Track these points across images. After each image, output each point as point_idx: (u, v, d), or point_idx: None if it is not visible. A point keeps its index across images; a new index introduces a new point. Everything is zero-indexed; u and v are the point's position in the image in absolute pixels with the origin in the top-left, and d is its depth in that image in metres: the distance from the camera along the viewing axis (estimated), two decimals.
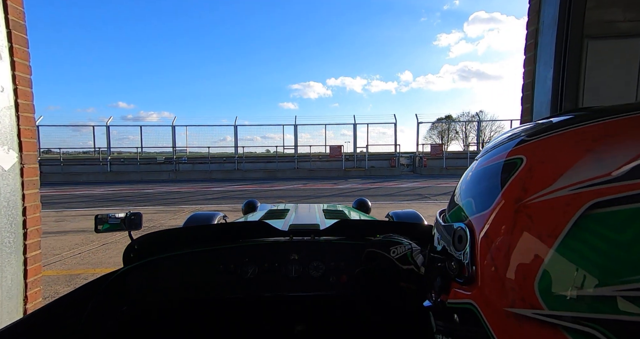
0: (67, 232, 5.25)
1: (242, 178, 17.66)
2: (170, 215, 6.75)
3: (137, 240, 1.00)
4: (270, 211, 1.97)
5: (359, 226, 1.19)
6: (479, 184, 0.42)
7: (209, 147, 19.13)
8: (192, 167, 19.26)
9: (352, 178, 17.10)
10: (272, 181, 15.24)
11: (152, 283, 0.99)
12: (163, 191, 11.49)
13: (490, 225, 0.37)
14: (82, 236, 4.98)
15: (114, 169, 18.37)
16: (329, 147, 19.90)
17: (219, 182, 15.11)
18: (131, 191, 11.70)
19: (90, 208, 7.73)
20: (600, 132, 0.34)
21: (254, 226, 1.18)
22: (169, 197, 9.92)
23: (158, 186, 13.52)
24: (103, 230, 1.15)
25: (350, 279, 1.03)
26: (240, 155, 19.59)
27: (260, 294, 1.01)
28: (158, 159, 19.06)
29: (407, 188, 11.85)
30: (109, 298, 0.89)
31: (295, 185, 13.26)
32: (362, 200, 2.63)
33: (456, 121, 33.96)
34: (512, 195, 0.36)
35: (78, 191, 11.80)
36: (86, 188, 12.95)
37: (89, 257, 4.01)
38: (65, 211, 7.36)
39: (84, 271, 3.50)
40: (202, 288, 1.00)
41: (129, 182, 15.58)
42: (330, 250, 1.07)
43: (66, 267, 3.66)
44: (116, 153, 20.08)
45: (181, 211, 7.21)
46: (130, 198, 9.78)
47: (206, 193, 10.81)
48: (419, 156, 19.91)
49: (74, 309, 0.79)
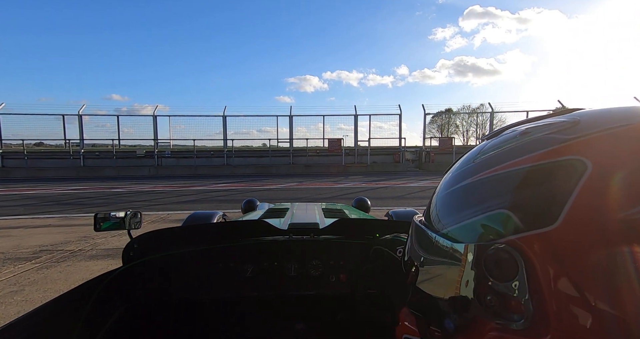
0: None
1: (231, 174, 15.94)
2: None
3: (137, 238, 1.00)
4: (269, 210, 1.92)
5: (358, 225, 1.17)
6: (518, 192, 0.34)
7: (194, 140, 17.31)
8: (176, 162, 17.46)
9: (352, 174, 15.46)
10: (264, 179, 13.54)
11: (151, 282, 0.98)
12: (134, 191, 9.76)
13: (570, 244, 0.29)
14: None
15: (88, 164, 16.52)
16: (327, 140, 18.16)
17: (204, 179, 13.39)
18: (97, 190, 9.94)
19: (26, 216, 5.99)
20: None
21: (254, 225, 1.15)
22: (136, 199, 8.20)
23: (133, 183, 11.78)
24: (103, 229, 1.12)
25: (352, 277, 1.02)
26: (230, 148, 17.81)
27: (260, 293, 1.01)
28: (138, 153, 17.22)
29: (417, 188, 10.24)
30: (108, 296, 0.88)
31: (290, 184, 11.58)
32: (361, 198, 2.57)
33: (469, 113, 32.20)
34: (592, 204, 0.29)
35: (33, 190, 10.01)
36: (48, 186, 11.16)
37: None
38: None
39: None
40: (201, 287, 1.00)
41: (103, 178, 13.80)
42: (329, 248, 1.07)
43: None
44: (90, 146, 18.12)
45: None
46: (88, 201, 8.04)
47: (182, 194, 9.10)
48: (426, 150, 18.30)
49: (73, 308, 0.78)
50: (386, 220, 1.54)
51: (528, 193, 0.33)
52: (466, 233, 0.37)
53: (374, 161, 17.89)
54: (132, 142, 18.81)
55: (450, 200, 0.42)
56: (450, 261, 0.37)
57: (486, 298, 0.33)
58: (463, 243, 0.36)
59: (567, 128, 0.35)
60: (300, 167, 17.21)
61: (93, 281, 0.84)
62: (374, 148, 18.13)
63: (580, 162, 0.31)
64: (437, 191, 0.46)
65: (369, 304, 0.93)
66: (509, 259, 0.32)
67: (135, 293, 0.95)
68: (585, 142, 0.32)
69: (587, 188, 0.29)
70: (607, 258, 0.27)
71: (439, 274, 0.41)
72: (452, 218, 0.40)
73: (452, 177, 0.44)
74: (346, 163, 17.40)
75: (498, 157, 0.38)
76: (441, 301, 0.40)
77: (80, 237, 4.39)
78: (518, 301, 0.31)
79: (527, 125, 0.41)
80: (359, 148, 18.24)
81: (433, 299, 0.41)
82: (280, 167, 17.14)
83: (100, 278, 0.86)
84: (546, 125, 0.38)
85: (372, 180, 12.76)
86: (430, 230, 0.43)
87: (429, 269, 0.43)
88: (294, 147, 18.35)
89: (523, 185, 0.34)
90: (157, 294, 0.98)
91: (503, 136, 0.42)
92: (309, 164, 17.52)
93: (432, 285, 0.42)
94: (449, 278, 0.38)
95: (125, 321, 0.90)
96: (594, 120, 0.34)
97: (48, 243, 4.10)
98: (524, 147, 0.36)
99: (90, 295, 0.82)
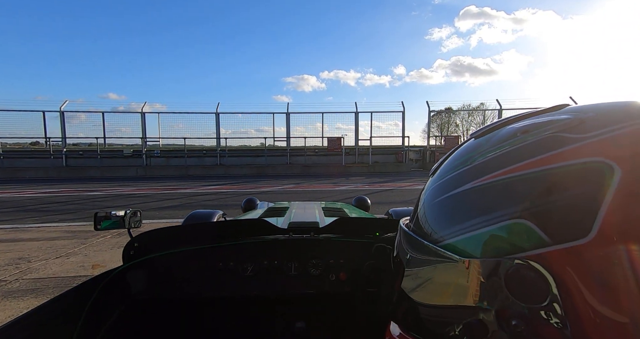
0: None
1: (224, 174, 14.95)
2: (70, 245, 4.08)
3: (138, 237, 1.00)
4: (269, 208, 1.94)
5: (358, 224, 1.17)
6: (538, 200, 0.29)
7: (184, 138, 16.27)
8: (166, 162, 16.45)
9: (353, 175, 14.52)
10: (259, 180, 12.56)
11: (151, 281, 0.98)
12: (113, 195, 8.77)
13: (608, 259, 0.26)
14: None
15: (71, 164, 15.48)
16: (326, 139, 17.19)
17: (194, 180, 12.41)
18: (72, 193, 8.94)
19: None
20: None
21: (254, 224, 1.15)
22: (110, 204, 7.23)
23: (115, 185, 10.78)
24: (103, 228, 1.10)
25: (352, 275, 1.03)
26: (223, 148, 16.82)
27: (260, 291, 1.02)
28: (125, 152, 16.19)
29: None
30: (108, 296, 0.88)
31: (286, 186, 10.63)
32: (361, 197, 2.56)
33: (475, 110, 31.18)
34: (630, 212, 0.26)
35: (0, 193, 8.99)
36: (20, 188, 10.14)
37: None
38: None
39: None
40: (201, 286, 1.00)
41: (86, 180, 12.78)
42: (329, 247, 1.07)
43: None
44: (72, 145, 17.00)
45: (94, 237, 4.53)
46: (55, 207, 7.04)
47: (165, 198, 8.11)
48: (430, 150, 17.39)
49: (73, 308, 0.77)
50: (386, 219, 1.56)
51: (550, 201, 0.29)
52: (474, 247, 0.32)
53: (375, 161, 16.96)
54: (119, 140, 17.77)
55: (448, 208, 0.37)
56: (455, 278, 0.33)
57: (511, 323, 0.29)
58: (472, 258, 0.32)
59: (574, 126, 0.31)
60: (298, 167, 16.25)
61: (93, 281, 0.84)
62: (375, 148, 17.20)
63: (604, 164, 0.27)
64: (427, 195, 0.41)
65: (369, 303, 0.96)
66: (536, 278, 0.27)
67: (135, 292, 0.94)
68: (604, 141, 0.29)
69: (621, 193, 0.26)
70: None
71: (438, 292, 0.36)
72: (454, 229, 0.35)
73: (446, 181, 0.39)
74: (346, 163, 16.46)
75: (501, 158, 0.34)
76: (445, 325, 0.35)
77: (13, 259, 3.41)
78: (553, 328, 0.27)
79: (522, 122, 0.37)
80: (360, 147, 17.30)
81: (434, 323, 0.37)
82: (277, 167, 16.19)
83: (100, 277, 0.86)
84: (546, 122, 0.34)
85: (375, 181, 11.83)
86: (426, 240, 0.37)
87: (424, 284, 0.38)
88: (291, 146, 17.39)
89: (542, 191, 0.29)
90: (157, 293, 0.97)
91: (498, 135, 0.38)
92: (308, 164, 16.56)
93: (431, 302, 0.37)
94: (453, 297, 0.34)
95: (125, 321, 0.90)
96: (602, 118, 0.31)
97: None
98: (531, 147, 0.32)
99: (89, 295, 0.82)
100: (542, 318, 0.27)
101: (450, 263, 0.34)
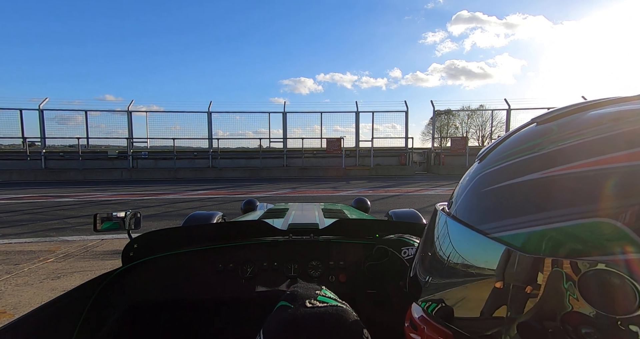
0: None
1: (215, 178, 13.92)
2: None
3: (137, 238, 0.99)
4: (269, 210, 1.93)
5: (358, 225, 1.16)
6: (635, 198, 0.26)
7: (173, 139, 15.20)
8: (154, 164, 15.39)
9: (354, 178, 13.55)
10: (253, 184, 11.55)
11: (151, 282, 0.98)
12: (85, 201, 7.74)
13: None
14: None
15: (51, 165, 14.37)
16: (325, 140, 16.21)
17: (183, 184, 11.38)
18: (38, 200, 7.89)
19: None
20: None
21: (254, 225, 1.15)
22: (76, 214, 6.19)
23: (94, 190, 9.74)
24: (103, 229, 1.11)
25: (351, 277, 1.03)
26: (215, 149, 15.79)
27: (260, 293, 1.02)
28: (110, 154, 15.11)
29: (437, 197, 8.37)
30: (107, 296, 0.89)
31: (282, 191, 9.63)
32: (361, 199, 2.57)
33: (481, 110, 30.31)
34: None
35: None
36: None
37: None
38: None
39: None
40: (201, 287, 1.00)
41: (65, 183, 11.71)
42: (329, 249, 1.07)
43: None
44: (51, 146, 15.86)
45: (29, 261, 3.51)
46: (6, 217, 6.00)
47: (144, 205, 7.06)
48: (435, 152, 16.46)
49: (73, 308, 0.78)
50: (386, 221, 1.51)
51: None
52: (537, 243, 0.29)
53: (377, 163, 16.00)
54: (105, 141, 16.69)
55: (505, 198, 0.34)
56: (507, 273, 0.30)
57: (580, 331, 0.26)
58: (535, 254, 0.29)
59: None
60: (295, 169, 15.25)
61: (93, 282, 0.84)
62: (376, 150, 16.24)
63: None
64: (476, 182, 0.38)
65: (368, 305, 0.96)
66: (621, 285, 0.25)
67: (134, 293, 0.94)
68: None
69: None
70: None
71: (480, 286, 0.34)
72: (513, 221, 0.32)
73: (504, 168, 0.36)
74: (347, 166, 15.47)
75: (585, 147, 0.30)
76: (484, 321, 0.33)
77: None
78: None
79: (606, 109, 0.34)
80: (361, 149, 16.34)
81: (469, 313, 0.34)
82: (272, 170, 15.18)
83: (100, 278, 0.87)
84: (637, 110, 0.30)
85: (378, 185, 10.86)
86: (474, 229, 0.35)
87: (462, 273, 0.35)
88: (288, 148, 16.38)
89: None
90: (156, 294, 0.96)
91: (576, 121, 0.34)
92: (305, 166, 15.56)
93: (470, 295, 0.35)
94: (499, 292, 0.31)
95: (124, 322, 0.90)
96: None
97: None
98: (628, 136, 0.28)
99: (89, 295, 0.82)
100: (621, 329, 0.24)
101: (502, 256, 0.31)
